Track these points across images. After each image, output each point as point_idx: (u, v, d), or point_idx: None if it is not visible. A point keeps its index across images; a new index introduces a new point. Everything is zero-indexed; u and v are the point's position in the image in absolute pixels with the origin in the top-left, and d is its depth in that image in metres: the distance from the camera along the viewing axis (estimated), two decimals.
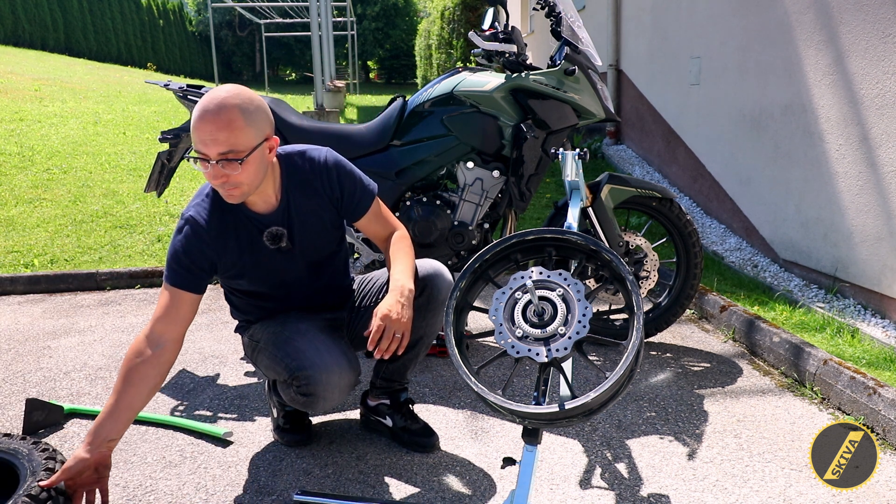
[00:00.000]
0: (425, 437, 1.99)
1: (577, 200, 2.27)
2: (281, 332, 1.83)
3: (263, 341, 1.87)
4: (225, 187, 1.62)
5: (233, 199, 1.65)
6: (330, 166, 1.83)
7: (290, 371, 1.75)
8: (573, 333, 1.54)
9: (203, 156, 1.58)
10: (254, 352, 1.92)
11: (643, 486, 1.78)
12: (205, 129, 1.55)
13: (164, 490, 1.79)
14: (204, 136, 1.55)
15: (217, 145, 1.56)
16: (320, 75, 9.33)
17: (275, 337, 1.84)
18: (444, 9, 13.27)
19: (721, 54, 4.32)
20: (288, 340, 1.80)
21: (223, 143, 1.56)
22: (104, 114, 8.47)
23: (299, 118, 2.63)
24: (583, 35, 2.58)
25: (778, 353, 2.53)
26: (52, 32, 20.53)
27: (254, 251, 1.78)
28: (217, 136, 1.55)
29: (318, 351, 1.75)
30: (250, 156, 1.60)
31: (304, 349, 1.75)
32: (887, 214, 2.85)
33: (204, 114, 1.55)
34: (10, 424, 2.18)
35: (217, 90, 1.61)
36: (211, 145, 1.56)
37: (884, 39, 2.80)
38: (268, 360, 1.84)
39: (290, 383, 1.78)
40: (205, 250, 1.71)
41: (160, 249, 4.18)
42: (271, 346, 1.83)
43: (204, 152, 1.57)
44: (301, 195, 1.80)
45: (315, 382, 1.73)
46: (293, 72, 35.12)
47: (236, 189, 1.63)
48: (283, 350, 1.79)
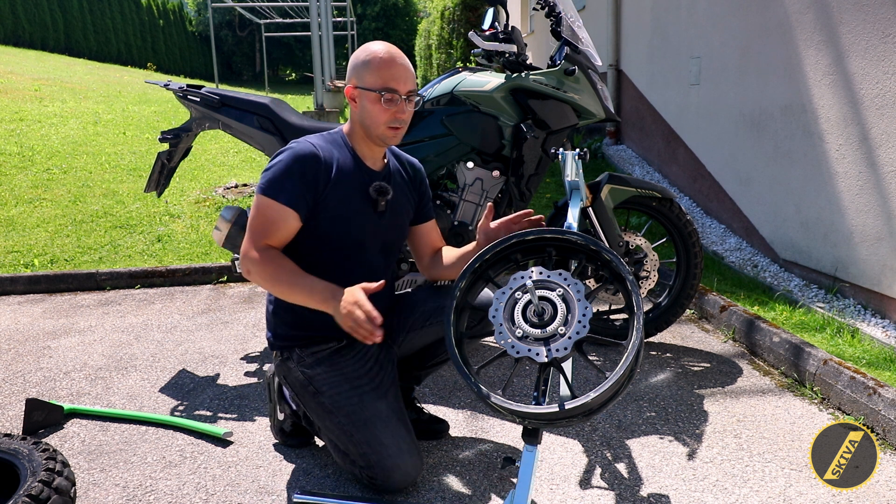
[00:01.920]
0: (437, 424, 2.04)
1: (577, 200, 2.27)
2: (360, 409, 1.74)
3: (333, 405, 1.76)
4: (399, 124, 1.76)
5: (395, 139, 1.79)
6: (417, 166, 2.01)
7: (368, 461, 1.71)
8: (573, 333, 1.54)
9: (393, 92, 1.72)
10: (310, 397, 1.80)
11: (643, 486, 1.78)
12: (399, 68, 1.73)
13: (164, 490, 1.79)
14: (399, 74, 1.73)
15: (408, 82, 1.75)
16: (320, 75, 9.33)
17: (352, 411, 1.74)
18: (444, 9, 13.26)
19: (721, 54, 4.32)
20: (368, 423, 1.72)
21: (411, 81, 1.76)
22: (104, 114, 8.47)
23: (299, 118, 2.63)
24: (583, 35, 2.58)
25: (778, 353, 2.53)
26: (52, 32, 20.53)
27: (357, 199, 1.79)
28: (408, 74, 1.75)
29: (400, 450, 1.70)
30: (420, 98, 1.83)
31: (388, 444, 1.70)
32: (887, 214, 2.85)
33: (392, 56, 1.73)
34: (10, 424, 2.18)
35: (372, 44, 1.77)
36: (404, 82, 1.74)
37: (884, 39, 2.80)
38: (338, 432, 1.75)
39: (362, 468, 1.73)
40: (314, 174, 1.72)
41: (160, 249, 4.19)
42: (347, 422, 1.73)
43: (396, 88, 1.72)
44: (398, 174, 1.92)
45: (392, 482, 1.70)
46: (293, 72, 35.11)
47: (402, 128, 1.79)
48: (360, 433, 1.72)
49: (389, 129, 1.76)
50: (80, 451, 2.00)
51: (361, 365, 1.81)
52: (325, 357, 1.80)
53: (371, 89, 1.73)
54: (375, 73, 1.72)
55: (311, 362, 1.80)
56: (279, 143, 2.59)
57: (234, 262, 2.79)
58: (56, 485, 1.49)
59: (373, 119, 1.75)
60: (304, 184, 1.70)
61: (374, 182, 1.81)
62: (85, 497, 1.76)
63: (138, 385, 2.47)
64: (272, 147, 2.61)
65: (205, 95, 2.63)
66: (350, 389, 1.76)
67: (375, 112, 1.74)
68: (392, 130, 1.76)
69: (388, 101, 1.72)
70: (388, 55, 1.73)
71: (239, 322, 3.16)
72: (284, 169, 1.70)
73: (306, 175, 1.70)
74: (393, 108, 1.73)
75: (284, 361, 1.84)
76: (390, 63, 1.73)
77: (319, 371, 1.79)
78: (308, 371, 1.80)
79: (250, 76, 31.76)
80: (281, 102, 2.68)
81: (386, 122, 1.74)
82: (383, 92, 1.71)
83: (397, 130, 1.77)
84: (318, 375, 1.79)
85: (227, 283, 3.83)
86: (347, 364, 1.80)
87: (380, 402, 1.76)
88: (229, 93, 2.68)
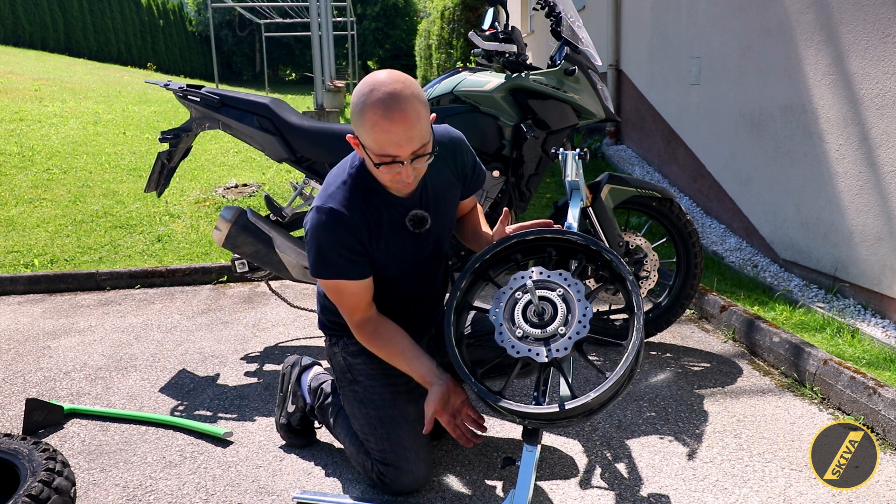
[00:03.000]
0: (439, 425, 2.02)
1: (577, 200, 2.27)
2: (390, 406, 1.76)
3: (366, 395, 1.78)
4: (409, 184, 1.55)
5: (408, 190, 1.61)
6: (458, 141, 1.78)
7: (384, 457, 1.72)
8: (573, 333, 1.54)
9: (392, 159, 1.47)
10: (347, 383, 1.83)
11: (643, 486, 1.78)
12: (396, 130, 1.42)
13: (164, 490, 1.79)
14: (397, 138, 1.43)
15: (411, 143, 1.46)
16: (320, 75, 9.32)
17: (381, 406, 1.76)
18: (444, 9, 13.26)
19: (721, 54, 4.32)
20: (394, 422, 1.74)
21: (417, 140, 1.46)
22: (104, 114, 8.47)
23: (299, 118, 2.63)
24: (583, 35, 2.58)
25: (778, 353, 2.53)
26: (52, 32, 20.53)
27: (398, 236, 1.69)
28: (411, 133, 1.44)
29: (417, 456, 1.72)
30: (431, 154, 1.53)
31: (407, 446, 1.72)
32: (887, 214, 2.84)
33: (390, 113, 1.41)
34: (10, 424, 2.18)
35: (373, 80, 1.46)
36: (405, 145, 1.45)
37: (884, 39, 2.80)
38: (364, 421, 1.77)
39: (375, 459, 1.75)
40: (357, 240, 1.62)
41: (160, 249, 4.19)
42: (375, 415, 1.76)
43: (395, 154, 1.46)
44: (434, 174, 1.72)
45: (400, 484, 1.72)
46: (293, 72, 35.11)
47: (416, 181, 1.57)
48: (384, 428, 1.74)
49: (397, 185, 1.57)
50: (80, 451, 2.00)
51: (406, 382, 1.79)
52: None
53: (368, 151, 1.50)
54: (371, 135, 1.45)
55: (354, 350, 1.81)
56: (279, 143, 2.59)
57: (233, 262, 2.79)
58: (56, 485, 1.50)
59: (377, 176, 1.57)
60: (352, 252, 1.61)
61: (410, 213, 1.69)
62: (85, 497, 1.76)
63: (138, 385, 2.47)
64: (272, 147, 2.61)
65: (205, 95, 2.63)
66: (385, 385, 1.77)
67: (377, 173, 1.55)
68: (402, 186, 1.57)
69: (386, 169, 1.50)
70: (384, 113, 1.42)
71: (239, 322, 3.16)
72: (327, 246, 1.59)
73: (350, 242, 1.60)
74: (394, 171, 1.50)
75: (331, 346, 1.87)
76: (387, 125, 1.42)
77: (360, 360, 1.80)
78: (350, 359, 1.82)
79: (250, 76, 31.76)
80: (281, 102, 2.68)
81: (391, 182, 1.56)
82: (380, 160, 1.49)
83: (409, 184, 1.56)
84: (358, 365, 1.80)
85: (227, 283, 3.83)
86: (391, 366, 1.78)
87: (410, 405, 1.77)
88: (229, 93, 2.68)
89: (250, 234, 2.59)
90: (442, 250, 1.85)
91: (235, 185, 5.52)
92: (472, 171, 1.84)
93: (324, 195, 1.64)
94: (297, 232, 2.86)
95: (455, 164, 1.78)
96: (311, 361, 2.11)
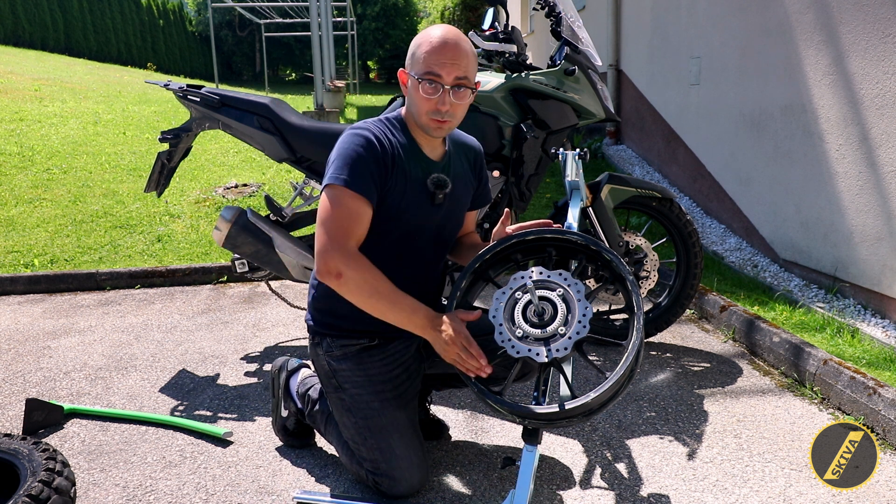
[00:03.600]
0: (438, 426, 2.03)
1: (577, 200, 2.27)
2: (379, 414, 1.71)
3: (353, 403, 1.73)
4: (444, 117, 1.60)
5: (441, 131, 1.65)
6: (476, 148, 1.88)
7: (376, 468, 1.70)
8: (573, 333, 1.54)
9: (436, 78, 1.56)
10: (332, 390, 1.77)
11: (643, 486, 1.78)
12: (446, 52, 1.56)
13: (164, 490, 1.79)
14: (444, 59, 1.56)
15: (457, 69, 1.57)
16: (320, 75, 9.32)
17: (370, 415, 1.71)
18: (444, 9, 13.28)
19: (721, 54, 4.32)
20: (384, 431, 1.70)
21: (462, 69, 1.58)
22: (104, 114, 8.47)
23: (299, 118, 2.63)
24: (583, 35, 2.58)
25: (778, 353, 2.53)
26: (52, 32, 20.52)
27: (416, 190, 1.68)
28: (458, 60, 1.57)
29: (411, 463, 1.69)
30: (472, 90, 1.62)
31: (400, 455, 1.69)
32: (887, 214, 2.84)
33: (445, 38, 1.56)
34: (10, 424, 2.17)
35: (436, 27, 1.61)
36: (451, 68, 1.56)
37: (884, 39, 2.80)
38: (353, 430, 1.73)
39: (370, 472, 1.72)
40: (380, 163, 1.61)
41: (160, 249, 4.19)
42: (363, 424, 1.71)
43: (439, 74, 1.56)
44: (458, 161, 1.80)
45: (396, 492, 1.70)
46: (293, 72, 35.09)
47: (450, 121, 1.63)
48: (375, 438, 1.70)
49: (433, 119, 1.61)
50: (80, 451, 2.00)
51: (390, 370, 1.74)
52: (353, 353, 1.73)
53: (415, 73, 1.60)
54: (423, 56, 1.58)
55: (338, 355, 1.73)
56: (279, 143, 2.59)
57: (233, 262, 2.79)
58: (56, 485, 1.49)
59: (416, 107, 1.62)
60: (373, 172, 1.59)
61: (433, 174, 1.70)
62: (85, 497, 1.76)
63: (138, 385, 2.47)
64: (272, 147, 2.61)
65: (205, 95, 2.63)
66: (372, 393, 1.71)
67: (418, 99, 1.61)
68: (435, 122, 1.62)
69: (428, 89, 1.58)
70: (440, 39, 1.57)
71: (239, 322, 3.16)
72: (354, 155, 1.58)
73: (376, 161, 1.60)
74: (434, 96, 1.58)
75: (315, 346, 1.79)
76: (439, 48, 1.56)
77: (345, 367, 1.73)
78: (334, 364, 1.74)
79: (250, 76, 31.75)
80: (281, 102, 2.68)
81: (427, 112, 1.60)
82: (422, 78, 1.58)
83: (442, 123, 1.62)
84: (342, 371, 1.73)
85: (227, 283, 3.83)
86: (374, 366, 1.73)
87: (399, 411, 1.73)
88: (229, 93, 2.68)
89: (250, 234, 2.59)
90: (447, 239, 1.82)
91: (235, 185, 5.52)
92: (484, 182, 1.91)
93: (359, 125, 1.66)
94: (297, 232, 2.86)
95: (474, 164, 1.86)
96: (297, 364, 2.07)
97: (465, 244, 1.95)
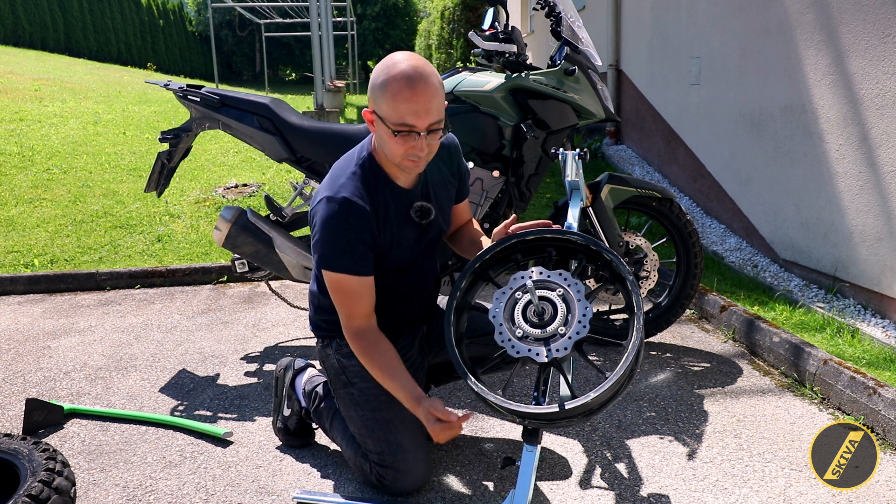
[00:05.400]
0: None
1: (577, 200, 2.27)
2: (387, 408, 1.73)
3: (361, 398, 1.77)
4: (420, 158, 1.59)
5: (418, 168, 1.63)
6: (453, 145, 1.85)
7: (382, 460, 1.72)
8: (573, 333, 1.54)
9: (410, 128, 1.52)
10: (341, 386, 1.81)
11: (643, 486, 1.78)
12: (418, 100, 1.50)
13: (164, 490, 1.79)
14: (416, 106, 1.50)
15: (430, 115, 1.53)
16: (320, 75, 9.32)
17: (378, 408, 1.74)
18: (444, 9, 13.27)
19: (721, 54, 4.32)
20: (391, 425, 1.73)
21: (435, 113, 1.53)
22: (104, 114, 8.47)
23: (299, 118, 2.63)
24: (583, 35, 2.58)
25: (778, 353, 2.53)
26: (52, 32, 20.52)
27: (402, 227, 1.72)
28: (430, 105, 1.52)
29: (416, 457, 1.72)
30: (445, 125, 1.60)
31: (406, 448, 1.71)
32: (887, 214, 2.84)
33: (412, 83, 1.49)
34: (10, 424, 2.18)
35: (396, 57, 1.54)
36: (424, 116, 1.52)
37: (884, 39, 2.80)
38: (360, 424, 1.76)
39: (373, 462, 1.74)
40: (369, 232, 1.63)
41: (160, 249, 4.18)
42: (371, 417, 1.74)
43: (413, 124, 1.52)
44: (434, 168, 1.78)
45: (400, 486, 1.71)
46: (293, 72, 35.09)
47: (427, 157, 1.61)
48: (382, 430, 1.73)
49: (409, 161, 1.60)
50: (80, 451, 2.00)
51: None
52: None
53: (385, 122, 1.55)
54: (391, 104, 1.51)
55: (347, 352, 1.76)
56: (279, 143, 2.59)
57: (233, 262, 2.79)
58: (56, 485, 1.50)
59: (390, 151, 1.59)
60: (363, 244, 1.62)
61: (414, 204, 1.73)
62: (85, 497, 1.76)
63: (138, 385, 2.47)
64: (272, 147, 2.61)
65: (205, 95, 2.63)
66: (381, 387, 1.73)
67: (391, 145, 1.57)
68: (412, 162, 1.60)
69: (402, 139, 1.55)
70: (407, 83, 1.49)
71: (239, 322, 3.16)
72: (340, 240, 1.60)
73: (363, 238, 1.62)
74: (409, 143, 1.55)
75: (324, 348, 1.85)
76: (409, 94, 1.49)
77: (354, 363, 1.75)
78: (344, 360, 1.79)
79: (250, 76, 31.75)
80: (281, 102, 2.68)
81: (403, 156, 1.59)
82: (398, 129, 1.53)
83: (419, 161, 1.61)
84: (352, 367, 1.77)
85: (227, 283, 3.83)
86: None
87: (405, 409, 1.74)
88: (229, 93, 2.68)
89: (250, 234, 2.60)
90: (437, 247, 1.88)
91: (235, 185, 5.52)
92: (464, 176, 1.90)
93: (333, 185, 1.64)
94: (297, 232, 2.86)
95: (451, 163, 1.84)
96: (304, 364, 2.09)
97: (465, 238, 1.96)
